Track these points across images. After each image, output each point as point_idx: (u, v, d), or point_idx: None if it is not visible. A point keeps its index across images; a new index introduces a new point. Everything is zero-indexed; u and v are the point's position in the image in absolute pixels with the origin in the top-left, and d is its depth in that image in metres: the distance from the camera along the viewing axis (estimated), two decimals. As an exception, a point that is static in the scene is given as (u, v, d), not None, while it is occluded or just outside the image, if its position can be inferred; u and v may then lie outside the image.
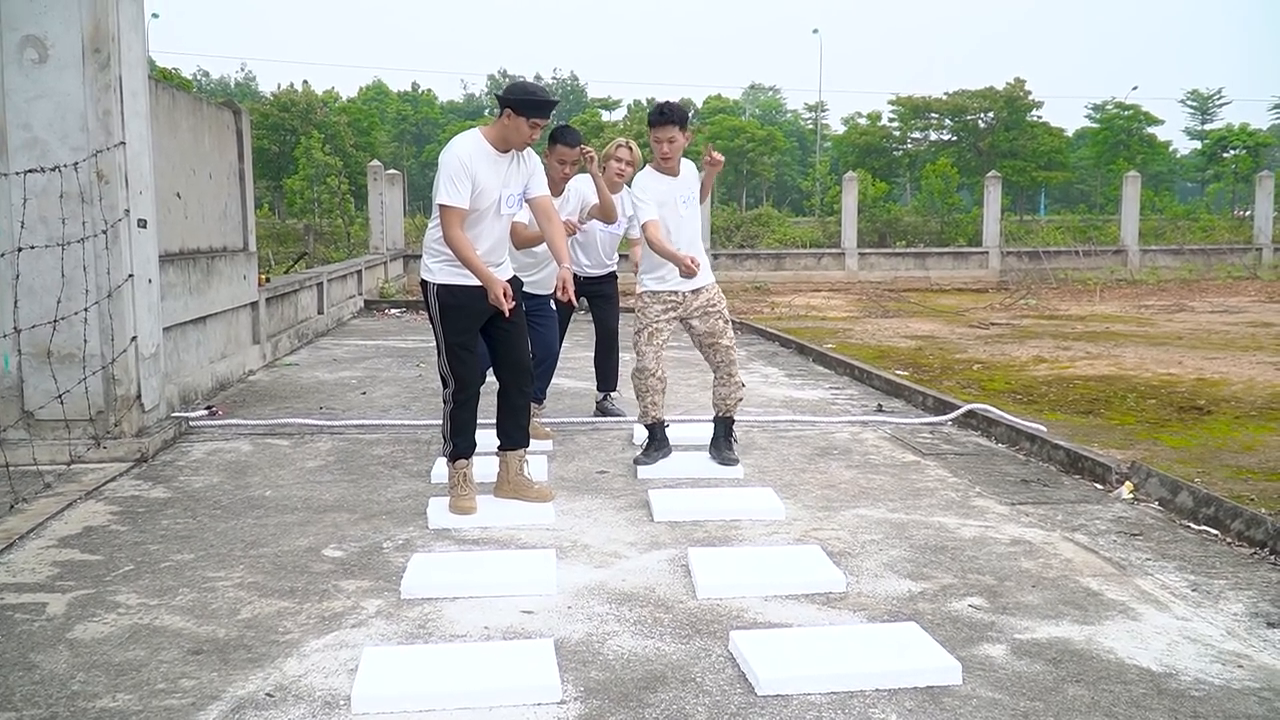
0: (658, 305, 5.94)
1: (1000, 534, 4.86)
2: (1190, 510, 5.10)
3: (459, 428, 5.17)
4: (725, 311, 6.01)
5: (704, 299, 5.95)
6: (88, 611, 3.89)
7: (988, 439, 7.00)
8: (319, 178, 32.04)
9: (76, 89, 6.14)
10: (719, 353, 5.99)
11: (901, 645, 3.50)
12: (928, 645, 3.50)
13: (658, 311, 5.93)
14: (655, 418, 6.07)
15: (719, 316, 5.96)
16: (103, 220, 6.19)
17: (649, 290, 5.97)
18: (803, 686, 3.26)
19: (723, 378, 6.04)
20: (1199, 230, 30.69)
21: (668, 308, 5.94)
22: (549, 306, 6.61)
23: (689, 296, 5.93)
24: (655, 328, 5.93)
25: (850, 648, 3.49)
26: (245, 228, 9.93)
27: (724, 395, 6.07)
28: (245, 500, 5.42)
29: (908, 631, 3.63)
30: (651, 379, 5.95)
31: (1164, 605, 3.98)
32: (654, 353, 5.94)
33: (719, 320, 5.96)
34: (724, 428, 6.14)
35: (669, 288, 5.92)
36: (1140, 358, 10.68)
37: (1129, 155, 56.19)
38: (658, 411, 6.05)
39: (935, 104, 58.20)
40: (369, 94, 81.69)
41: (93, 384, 6.26)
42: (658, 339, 5.94)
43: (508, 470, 5.31)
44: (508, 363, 5.22)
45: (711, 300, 5.95)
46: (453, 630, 3.73)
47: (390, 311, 16.40)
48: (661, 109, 5.81)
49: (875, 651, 3.46)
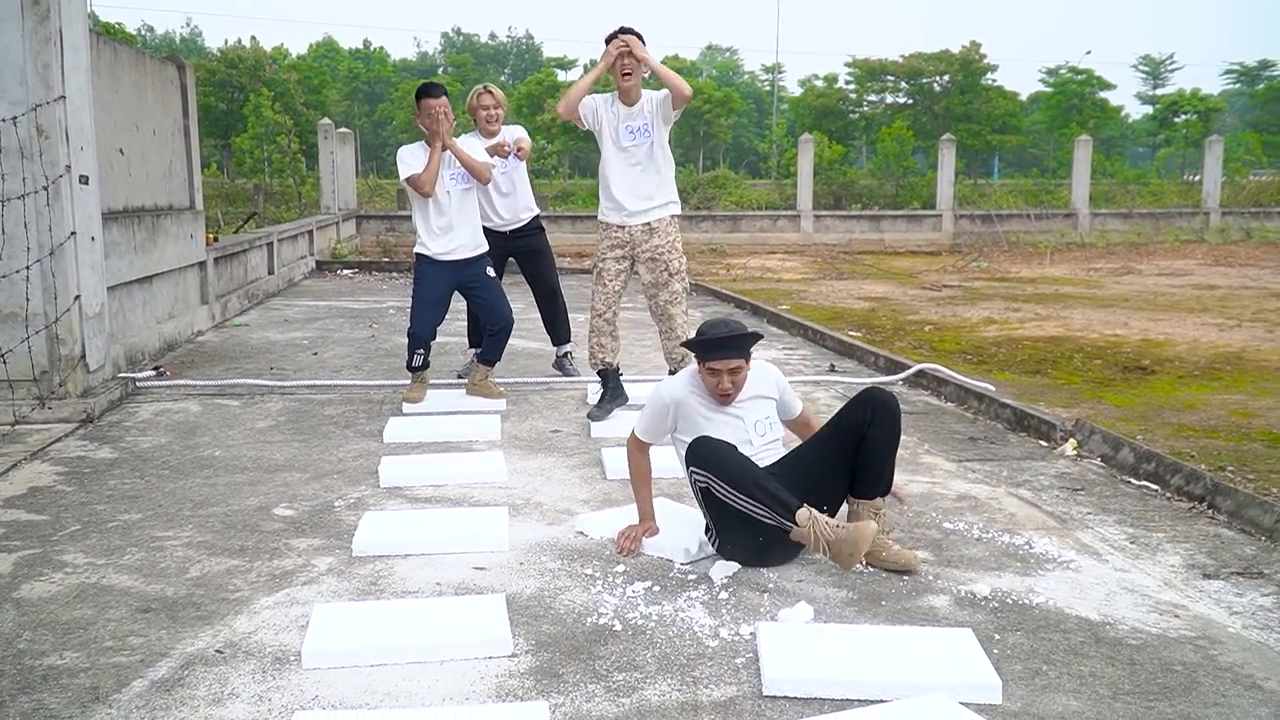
0: (606, 241, 5.98)
1: (947, 490, 4.94)
2: (1131, 466, 5.21)
3: None
4: (674, 264, 5.93)
5: (653, 243, 5.89)
6: (34, 571, 3.85)
7: (937, 398, 7.08)
8: (268, 136, 31.51)
9: (15, 42, 5.99)
10: (657, 306, 6.00)
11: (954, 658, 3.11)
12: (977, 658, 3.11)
13: (605, 248, 5.98)
14: (604, 361, 6.04)
15: (663, 268, 5.91)
16: (43, 176, 6.07)
17: (601, 224, 6.01)
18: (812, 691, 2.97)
19: (663, 331, 6.04)
20: (1148, 194, 31.07)
21: (615, 244, 5.93)
22: (485, 275, 6.58)
23: (639, 235, 5.90)
24: (602, 266, 5.98)
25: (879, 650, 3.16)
26: (191, 186, 9.77)
27: (667, 350, 6.08)
28: (194, 460, 5.37)
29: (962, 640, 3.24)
30: (598, 320, 5.96)
31: (1103, 557, 4.07)
32: (601, 292, 5.95)
33: (663, 271, 5.91)
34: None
35: (616, 220, 5.92)
36: (1087, 319, 10.84)
37: (1081, 120, 56.65)
38: (605, 354, 6.02)
39: (891, 67, 58.25)
40: (319, 51, 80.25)
41: (36, 343, 6.16)
42: (605, 276, 5.96)
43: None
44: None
45: (659, 247, 5.90)
46: (404, 587, 3.74)
47: (342, 272, 16.24)
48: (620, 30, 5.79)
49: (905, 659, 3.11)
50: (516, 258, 7.35)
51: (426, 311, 6.49)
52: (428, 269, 6.46)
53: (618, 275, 5.98)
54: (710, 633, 3.37)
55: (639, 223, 5.89)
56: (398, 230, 21.53)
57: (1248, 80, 71.63)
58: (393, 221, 22.16)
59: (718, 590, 3.71)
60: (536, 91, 58.36)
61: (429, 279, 6.48)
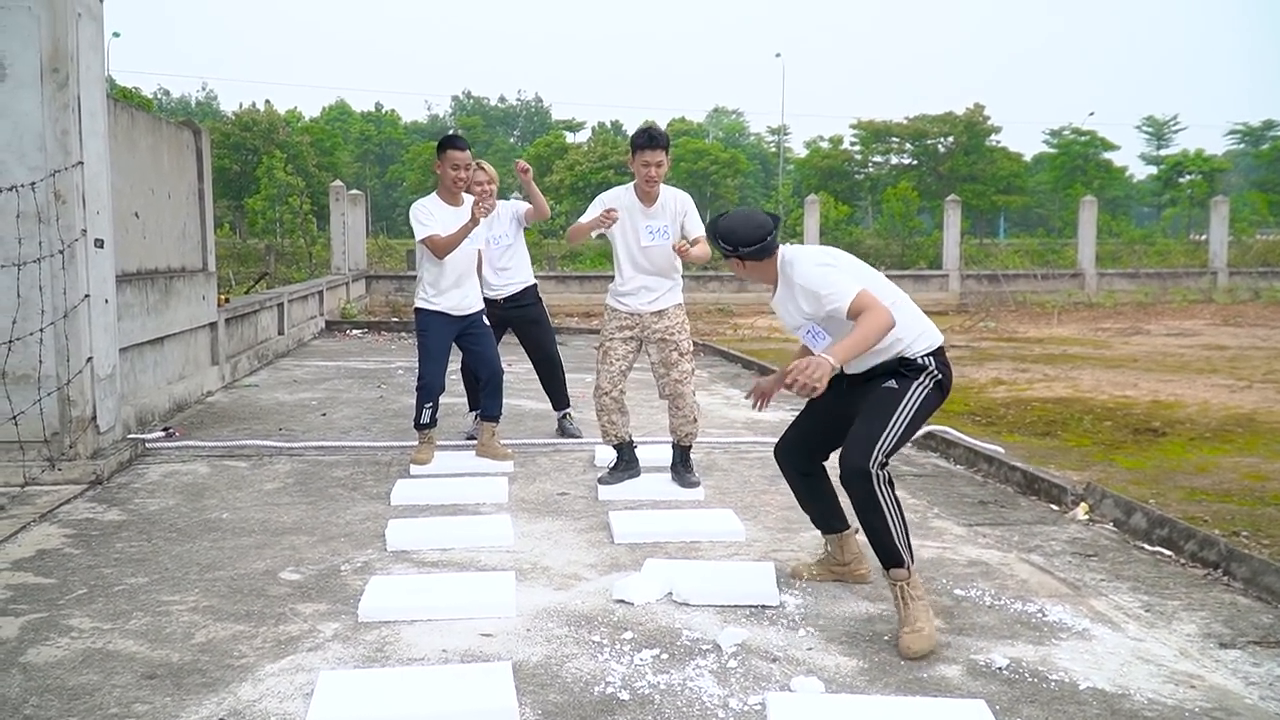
0: (614, 322, 5.97)
1: (958, 555, 4.91)
2: (1144, 531, 5.17)
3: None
4: (684, 344, 5.91)
5: (663, 324, 5.90)
6: (41, 635, 3.83)
7: (946, 460, 7.06)
8: (281, 197, 31.87)
9: (34, 108, 6.08)
10: (668, 385, 5.93)
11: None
12: None
13: (613, 329, 5.95)
14: (618, 437, 6.05)
15: (674, 348, 5.88)
16: (59, 240, 6.13)
17: (609, 306, 6.02)
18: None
19: (672, 409, 5.97)
20: (1155, 254, 31.20)
21: (624, 326, 5.94)
22: (483, 323, 6.70)
23: (649, 319, 5.92)
24: (609, 346, 5.95)
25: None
26: (205, 248, 9.86)
27: (674, 426, 6.01)
28: (201, 523, 5.36)
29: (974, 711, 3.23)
30: (604, 398, 5.93)
31: (1118, 626, 4.03)
32: (607, 371, 5.92)
33: (673, 351, 5.88)
34: (680, 454, 6.09)
35: (627, 308, 5.93)
36: (1097, 380, 10.82)
37: (1086, 180, 57.08)
38: (617, 431, 6.03)
39: (896, 128, 58.88)
40: (332, 114, 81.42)
41: (48, 405, 6.18)
42: (611, 356, 5.94)
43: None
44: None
45: (670, 329, 5.89)
46: (410, 653, 3.71)
47: (352, 332, 16.32)
48: (650, 132, 5.76)
49: None
50: (514, 327, 7.44)
51: (436, 363, 6.53)
52: (433, 321, 6.51)
53: (625, 355, 5.96)
54: (719, 702, 3.33)
55: (649, 310, 5.92)
56: (406, 290, 21.65)
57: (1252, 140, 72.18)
58: (402, 281, 22.29)
59: (726, 658, 3.67)
60: (545, 153, 58.92)
61: (435, 331, 6.52)
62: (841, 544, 4.48)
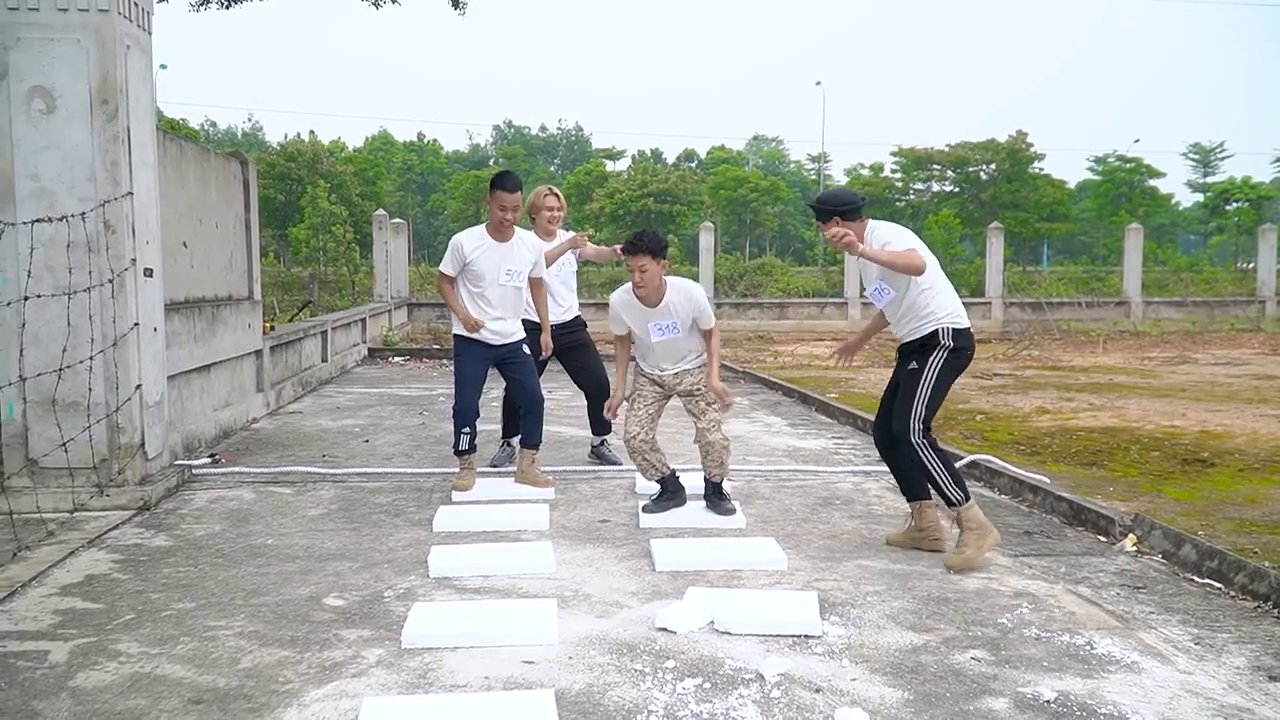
0: (643, 378, 6.16)
1: (1003, 586, 4.85)
2: (1194, 563, 5.09)
3: None
4: (710, 395, 6.00)
5: (688, 383, 6.05)
6: (89, 660, 3.88)
7: (991, 490, 6.99)
8: (324, 226, 32.28)
9: (84, 140, 6.21)
10: (697, 434, 6.03)
11: None
12: None
13: (644, 382, 6.14)
14: (660, 472, 6.13)
15: (701, 399, 6.02)
16: (109, 269, 6.25)
17: (637, 368, 6.21)
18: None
19: (702, 454, 6.03)
20: (1202, 282, 30.80)
21: (652, 382, 6.13)
22: (523, 352, 6.73)
23: (671, 380, 6.07)
24: (640, 393, 6.11)
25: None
26: (250, 276, 10.00)
27: (705, 465, 6.06)
28: (247, 548, 5.41)
29: None
30: (636, 442, 6.01)
31: (1167, 659, 3.96)
32: (636, 419, 6.03)
33: (701, 402, 6.01)
34: (711, 487, 6.13)
35: (651, 374, 6.11)
36: (1144, 409, 10.68)
37: (1131, 207, 56.56)
38: (655, 471, 6.12)
39: (937, 155, 58.65)
40: (375, 144, 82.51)
41: (97, 432, 6.28)
42: (640, 403, 6.07)
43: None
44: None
45: (695, 384, 6.03)
46: (453, 680, 3.72)
47: (394, 359, 16.45)
48: (634, 239, 5.84)
49: None
50: (560, 354, 7.46)
51: (469, 389, 6.57)
52: (468, 348, 6.58)
53: (654, 401, 6.11)
54: (763, 733, 3.30)
55: (671, 372, 6.07)
56: (448, 318, 21.66)
57: (1300, 167, 71.09)
58: (443, 309, 22.45)
59: (770, 688, 3.65)
60: (585, 181, 59.24)
61: (469, 358, 6.58)
62: (920, 511, 5.44)
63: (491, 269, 6.46)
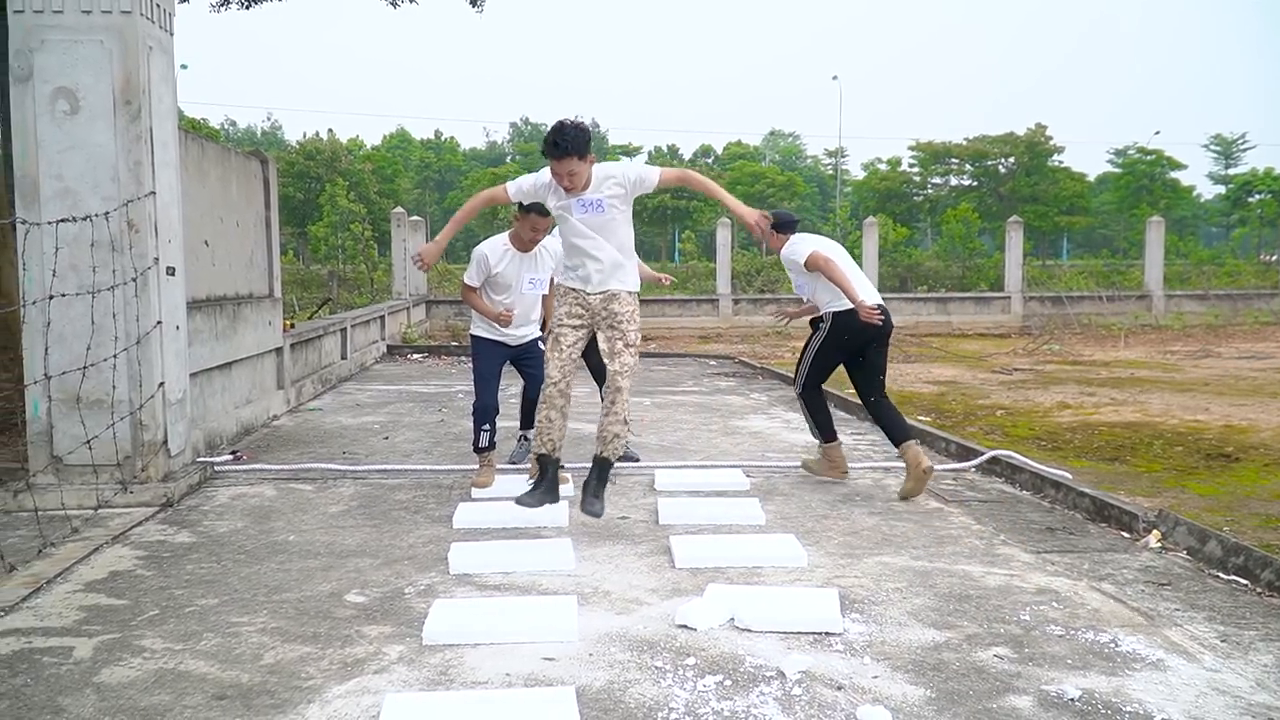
0: (564, 306, 5.43)
1: (1026, 583, 4.82)
2: (1219, 559, 5.05)
3: None
4: (630, 334, 5.37)
5: (611, 309, 5.37)
6: (114, 656, 3.91)
7: (1012, 486, 6.95)
8: (343, 224, 32.36)
9: (108, 140, 6.25)
10: (607, 375, 5.38)
11: None
12: None
13: (563, 314, 5.42)
14: (551, 442, 5.41)
15: (619, 337, 5.35)
16: (132, 268, 6.28)
17: (558, 285, 5.53)
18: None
19: (605, 405, 5.40)
20: (1224, 275, 30.55)
21: (573, 310, 5.41)
22: (537, 348, 6.88)
23: (597, 303, 5.38)
24: (559, 332, 5.40)
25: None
26: (271, 274, 10.04)
27: (602, 426, 5.40)
28: (269, 545, 5.44)
29: None
30: (552, 389, 5.36)
31: (1193, 656, 3.93)
32: (557, 362, 5.37)
33: (618, 341, 5.35)
34: (597, 470, 5.44)
35: (573, 285, 5.43)
36: (1166, 404, 10.61)
37: (1152, 200, 56.16)
38: (553, 433, 5.39)
39: (955, 149, 58.41)
40: (393, 141, 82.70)
41: (120, 429, 6.32)
42: (563, 343, 5.37)
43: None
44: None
45: (617, 314, 5.36)
46: (474, 677, 3.73)
47: (413, 357, 16.50)
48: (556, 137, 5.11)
49: None
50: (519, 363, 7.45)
51: (489, 385, 6.73)
52: (484, 346, 6.79)
53: (576, 342, 5.45)
54: (785, 730, 3.30)
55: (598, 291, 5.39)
56: (466, 315, 21.83)
57: (1323, 159, 70.50)
58: (461, 306, 22.50)
59: (791, 685, 3.64)
60: (603, 178, 58.90)
61: (486, 356, 6.78)
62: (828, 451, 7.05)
63: (516, 279, 6.64)
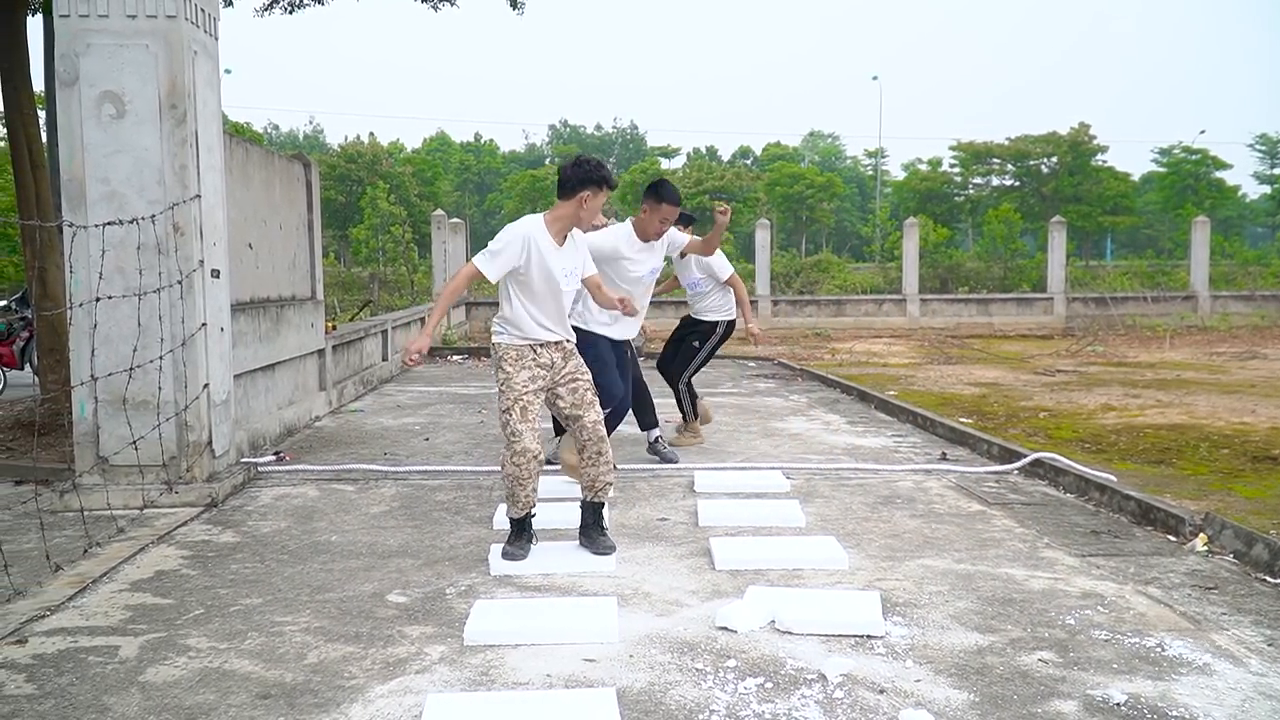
0: (524, 372, 5.11)
1: (1071, 586, 4.77)
2: (1266, 563, 4.97)
3: None
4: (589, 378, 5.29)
5: (573, 362, 5.27)
6: (159, 655, 3.96)
7: (1055, 488, 6.88)
8: (384, 227, 32.68)
9: (154, 144, 6.33)
10: (588, 426, 5.19)
11: None
12: None
13: (525, 379, 5.09)
14: (527, 511, 5.15)
15: (587, 386, 5.23)
16: (178, 271, 6.37)
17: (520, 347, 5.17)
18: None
19: (592, 455, 5.21)
20: (1271, 276, 30.06)
21: (535, 374, 5.14)
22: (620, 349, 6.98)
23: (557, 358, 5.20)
24: (525, 402, 5.06)
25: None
26: (313, 277, 10.14)
27: (593, 476, 5.23)
28: (311, 545, 5.49)
29: None
30: (532, 462, 5.02)
31: (1240, 660, 3.87)
32: (530, 431, 5.03)
33: (587, 392, 5.22)
34: (592, 514, 5.30)
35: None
36: (1212, 406, 10.45)
37: (1197, 200, 55.37)
38: (525, 507, 5.13)
39: (997, 149, 57.90)
40: (433, 145, 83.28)
41: (166, 430, 6.40)
42: (530, 412, 5.06)
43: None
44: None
45: (580, 365, 5.30)
46: (515, 678, 3.74)
47: (453, 358, 16.59)
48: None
49: None
50: None
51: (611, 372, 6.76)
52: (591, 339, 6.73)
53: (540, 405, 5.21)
54: (826, 733, 3.28)
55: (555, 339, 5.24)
56: (506, 316, 21.94)
57: (1372, 157, 69.23)
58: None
59: (832, 689, 3.62)
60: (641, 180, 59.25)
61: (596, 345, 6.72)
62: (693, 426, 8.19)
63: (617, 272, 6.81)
